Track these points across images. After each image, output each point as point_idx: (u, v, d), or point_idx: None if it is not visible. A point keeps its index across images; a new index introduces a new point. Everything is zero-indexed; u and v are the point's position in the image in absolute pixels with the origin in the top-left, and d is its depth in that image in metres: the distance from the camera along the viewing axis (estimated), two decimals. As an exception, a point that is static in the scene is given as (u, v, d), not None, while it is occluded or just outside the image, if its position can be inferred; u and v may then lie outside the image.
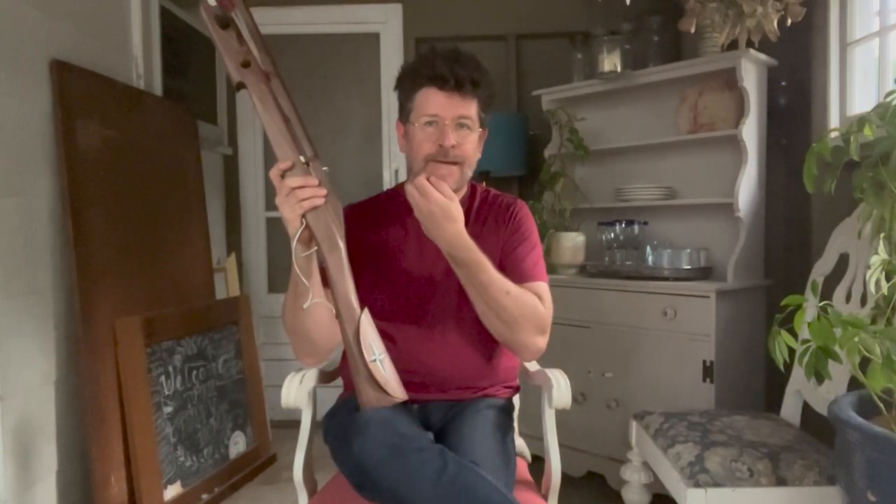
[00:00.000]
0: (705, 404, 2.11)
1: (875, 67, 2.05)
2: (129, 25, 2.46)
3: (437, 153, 1.28)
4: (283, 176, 1.10)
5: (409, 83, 1.33)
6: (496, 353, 1.40)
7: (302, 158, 1.11)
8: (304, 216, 1.11)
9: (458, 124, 1.28)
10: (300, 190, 1.09)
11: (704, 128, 2.42)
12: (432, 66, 1.28)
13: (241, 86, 1.10)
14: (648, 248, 2.48)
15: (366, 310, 1.13)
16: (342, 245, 1.13)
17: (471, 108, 1.30)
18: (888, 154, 1.17)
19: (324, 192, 1.11)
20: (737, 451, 1.48)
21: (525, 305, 1.25)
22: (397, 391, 1.12)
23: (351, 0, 3.27)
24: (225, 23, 1.09)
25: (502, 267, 1.34)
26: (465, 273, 1.22)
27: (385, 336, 1.32)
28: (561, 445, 1.38)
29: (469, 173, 1.35)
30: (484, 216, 1.41)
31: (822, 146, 1.24)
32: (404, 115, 1.35)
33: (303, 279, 1.15)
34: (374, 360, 1.10)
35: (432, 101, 1.28)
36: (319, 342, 1.27)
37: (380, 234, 1.38)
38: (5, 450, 1.74)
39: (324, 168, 1.13)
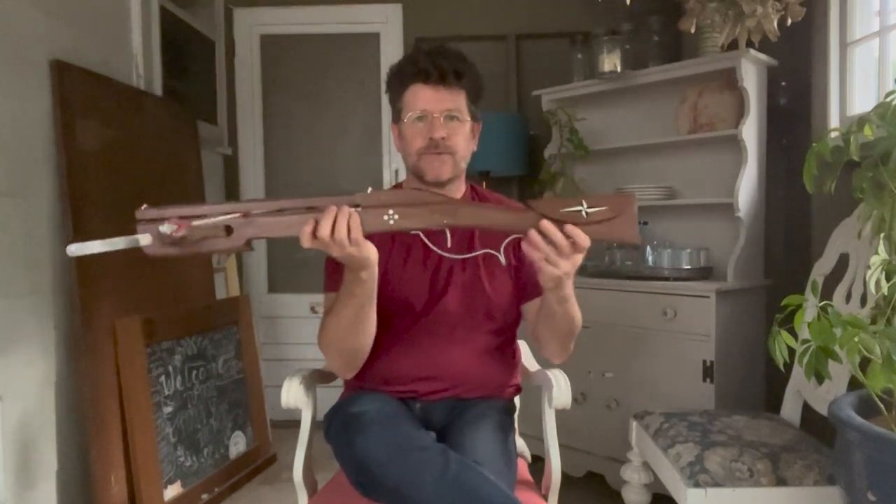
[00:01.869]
0: (705, 404, 2.11)
1: (875, 67, 2.05)
2: (129, 25, 2.45)
3: (427, 146, 1.29)
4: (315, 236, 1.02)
5: (396, 83, 1.34)
6: (504, 353, 1.41)
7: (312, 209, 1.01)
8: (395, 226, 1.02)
9: (446, 117, 1.29)
10: (338, 229, 1.00)
11: (704, 128, 2.42)
12: (415, 62, 1.30)
13: (248, 242, 1.03)
14: (648, 248, 2.48)
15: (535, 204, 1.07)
16: (453, 203, 1.05)
17: (458, 101, 1.31)
18: (888, 154, 1.17)
19: (345, 210, 1.00)
20: (737, 452, 1.48)
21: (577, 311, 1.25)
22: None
23: (351, 0, 3.27)
24: (180, 238, 1.01)
25: (519, 277, 1.36)
26: (561, 300, 1.17)
27: (395, 333, 1.33)
28: (561, 445, 1.38)
29: (463, 165, 1.35)
30: None
31: (822, 146, 1.24)
32: (396, 115, 1.36)
33: (372, 296, 1.14)
34: (581, 210, 1.03)
35: (420, 96, 1.30)
36: (363, 355, 1.27)
37: (387, 234, 1.38)
38: (5, 450, 1.74)
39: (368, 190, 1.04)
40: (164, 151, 2.51)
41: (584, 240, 1.02)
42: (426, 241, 1.11)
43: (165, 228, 0.99)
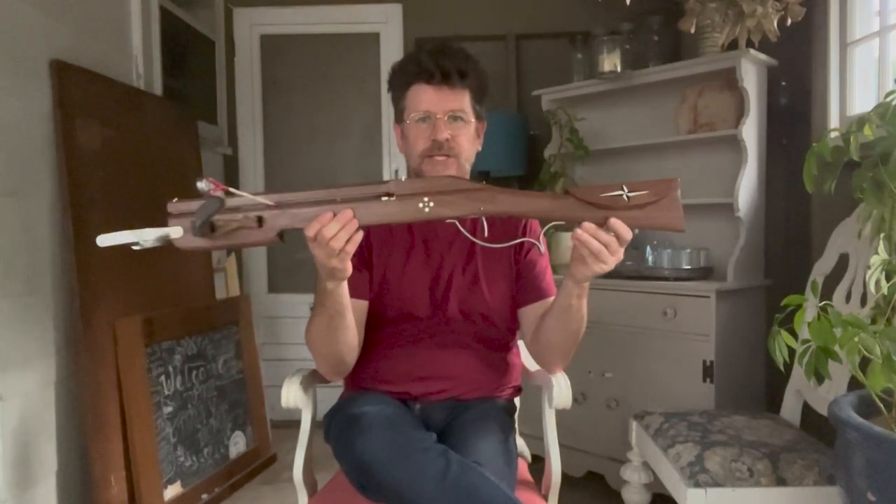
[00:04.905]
0: (705, 404, 2.11)
1: (875, 67, 2.05)
2: (129, 25, 2.45)
3: (431, 148, 1.27)
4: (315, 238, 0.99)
5: (398, 83, 1.33)
6: (502, 355, 1.41)
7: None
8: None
9: (450, 118, 1.28)
10: (338, 237, 0.98)
11: (704, 128, 2.42)
12: (418, 62, 1.28)
13: (280, 234, 1.02)
14: (648, 248, 2.48)
15: None
16: (490, 189, 1.02)
17: (462, 101, 1.29)
18: (888, 154, 1.17)
19: (354, 224, 0.99)
20: (737, 451, 1.48)
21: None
22: None
23: (351, 0, 3.27)
24: (211, 227, 1.00)
25: (519, 281, 1.35)
26: (581, 294, 1.16)
27: (394, 334, 1.33)
28: (561, 445, 1.38)
29: (468, 166, 1.33)
30: (494, 223, 1.38)
31: (822, 146, 1.24)
32: (398, 115, 1.35)
33: (342, 310, 1.13)
34: (622, 195, 1.02)
35: (423, 97, 1.28)
36: (350, 360, 1.27)
37: (388, 235, 1.37)
38: (5, 450, 1.74)
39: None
40: (164, 151, 2.50)
41: (626, 232, 1.02)
42: (462, 229, 1.08)
43: (203, 185, 1.00)
